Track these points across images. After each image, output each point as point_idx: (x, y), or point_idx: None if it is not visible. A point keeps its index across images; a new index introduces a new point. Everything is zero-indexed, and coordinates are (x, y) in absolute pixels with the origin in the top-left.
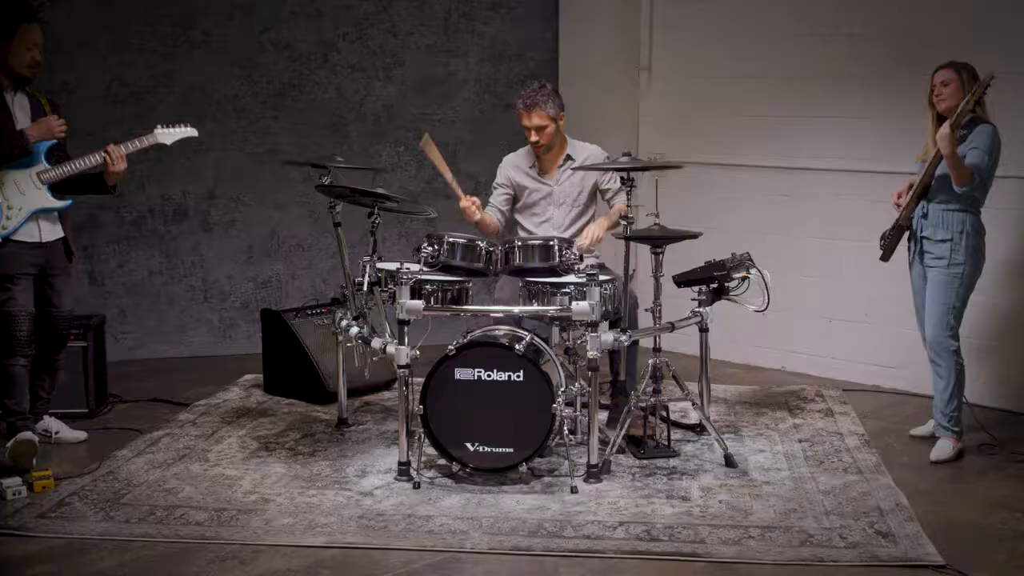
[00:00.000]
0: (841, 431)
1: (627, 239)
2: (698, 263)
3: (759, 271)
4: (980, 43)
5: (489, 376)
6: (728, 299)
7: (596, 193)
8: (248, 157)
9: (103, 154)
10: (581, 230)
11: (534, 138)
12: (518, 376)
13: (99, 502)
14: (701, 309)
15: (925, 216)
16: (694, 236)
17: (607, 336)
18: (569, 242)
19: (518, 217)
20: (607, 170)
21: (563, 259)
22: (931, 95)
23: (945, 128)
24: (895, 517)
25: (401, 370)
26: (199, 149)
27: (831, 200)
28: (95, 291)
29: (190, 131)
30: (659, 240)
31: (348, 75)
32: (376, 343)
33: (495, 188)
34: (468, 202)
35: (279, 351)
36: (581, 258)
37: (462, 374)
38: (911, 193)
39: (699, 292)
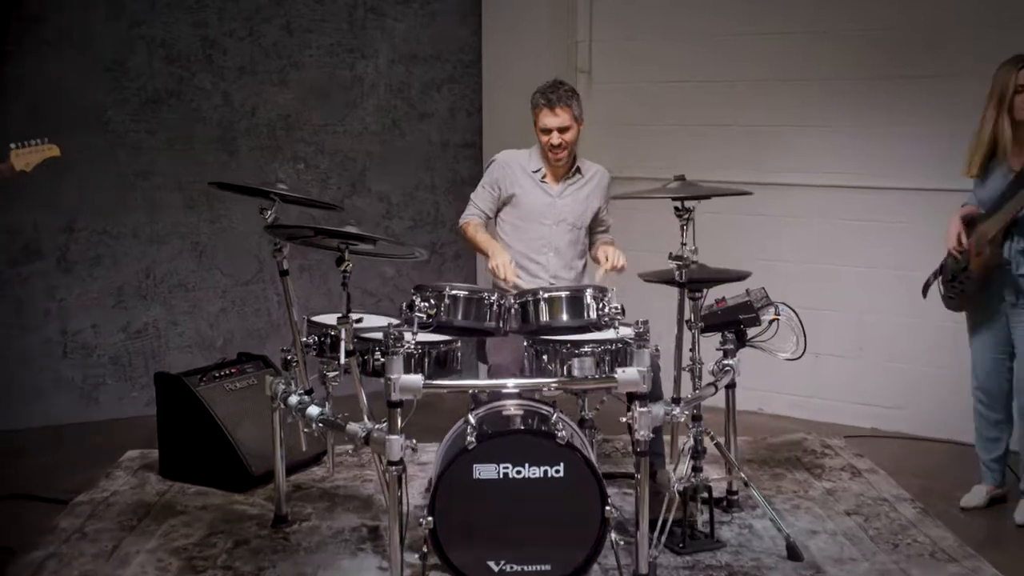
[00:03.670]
0: (884, 496)
1: (680, 285)
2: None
3: (791, 310)
4: (984, 42)
5: (519, 473)
6: (753, 346)
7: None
8: (116, 180)
9: None
10: (576, 260)
11: (556, 141)
12: (557, 471)
13: None
14: (730, 361)
15: None
16: (744, 276)
17: (657, 409)
18: (604, 290)
19: (503, 228)
20: (653, 198)
21: (601, 314)
22: (1010, 96)
23: None
24: None
25: (392, 468)
26: (54, 171)
27: (813, 219)
28: None
29: (49, 149)
30: (705, 282)
31: (236, 79)
32: (354, 429)
33: (482, 188)
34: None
35: (180, 425)
36: (623, 311)
37: (483, 471)
38: (992, 230)
39: (723, 339)
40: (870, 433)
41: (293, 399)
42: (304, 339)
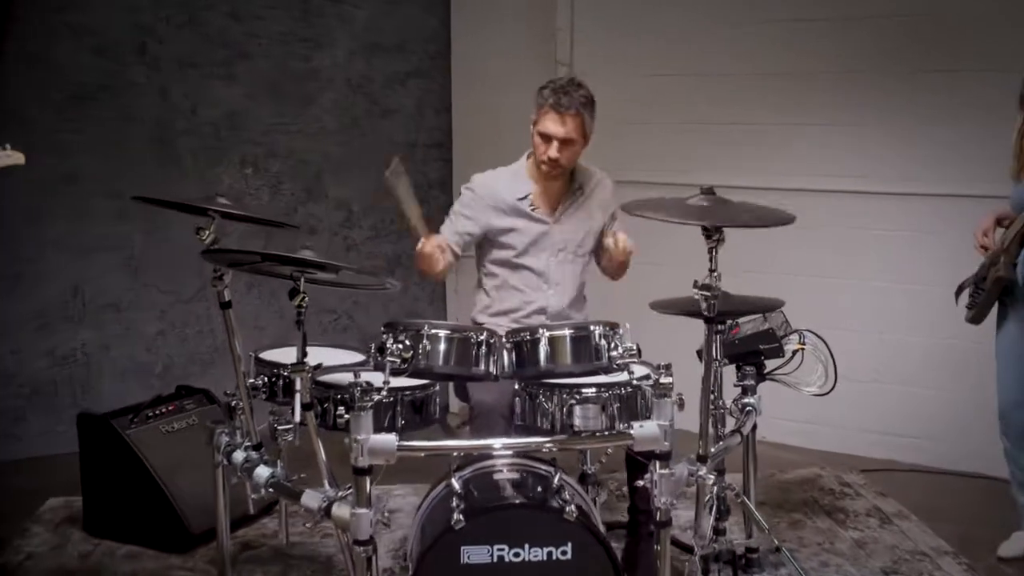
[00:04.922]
0: (921, 548)
1: (709, 320)
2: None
3: (818, 339)
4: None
5: (518, 556)
6: (775, 380)
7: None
8: (37, 186)
9: None
10: (581, 302)
11: (554, 154)
12: (564, 552)
13: None
14: (751, 399)
15: None
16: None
17: (680, 470)
18: (614, 327)
19: (490, 266)
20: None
21: (612, 355)
22: None
23: None
24: None
25: (361, 548)
26: None
27: (823, 229)
28: None
29: (9, 156)
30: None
31: (175, 73)
32: (310, 500)
33: (456, 216)
34: (433, 246)
35: (108, 474)
36: (639, 352)
37: (473, 555)
38: (1007, 238)
39: (740, 373)
40: (886, 466)
41: (239, 456)
42: (252, 380)
